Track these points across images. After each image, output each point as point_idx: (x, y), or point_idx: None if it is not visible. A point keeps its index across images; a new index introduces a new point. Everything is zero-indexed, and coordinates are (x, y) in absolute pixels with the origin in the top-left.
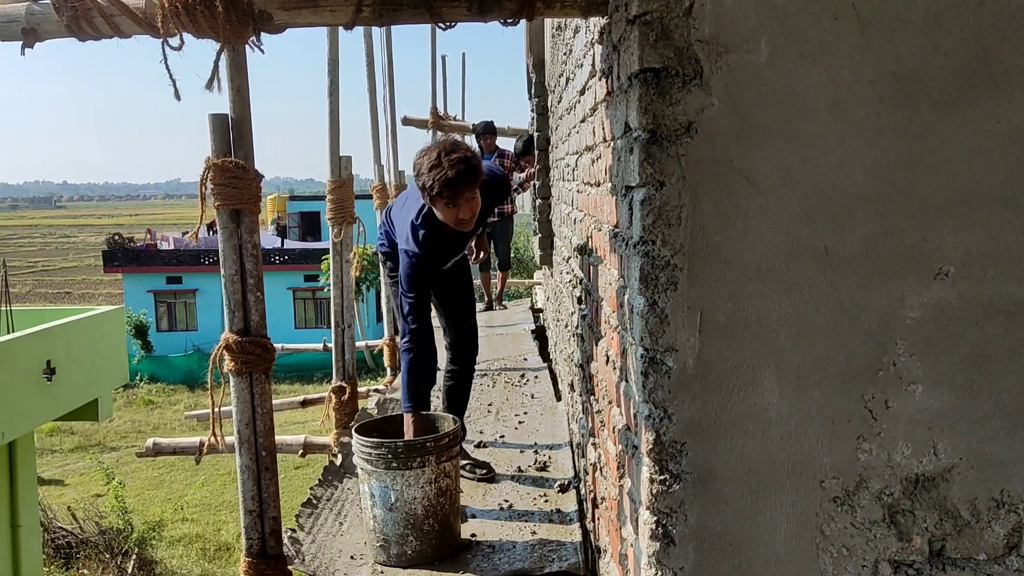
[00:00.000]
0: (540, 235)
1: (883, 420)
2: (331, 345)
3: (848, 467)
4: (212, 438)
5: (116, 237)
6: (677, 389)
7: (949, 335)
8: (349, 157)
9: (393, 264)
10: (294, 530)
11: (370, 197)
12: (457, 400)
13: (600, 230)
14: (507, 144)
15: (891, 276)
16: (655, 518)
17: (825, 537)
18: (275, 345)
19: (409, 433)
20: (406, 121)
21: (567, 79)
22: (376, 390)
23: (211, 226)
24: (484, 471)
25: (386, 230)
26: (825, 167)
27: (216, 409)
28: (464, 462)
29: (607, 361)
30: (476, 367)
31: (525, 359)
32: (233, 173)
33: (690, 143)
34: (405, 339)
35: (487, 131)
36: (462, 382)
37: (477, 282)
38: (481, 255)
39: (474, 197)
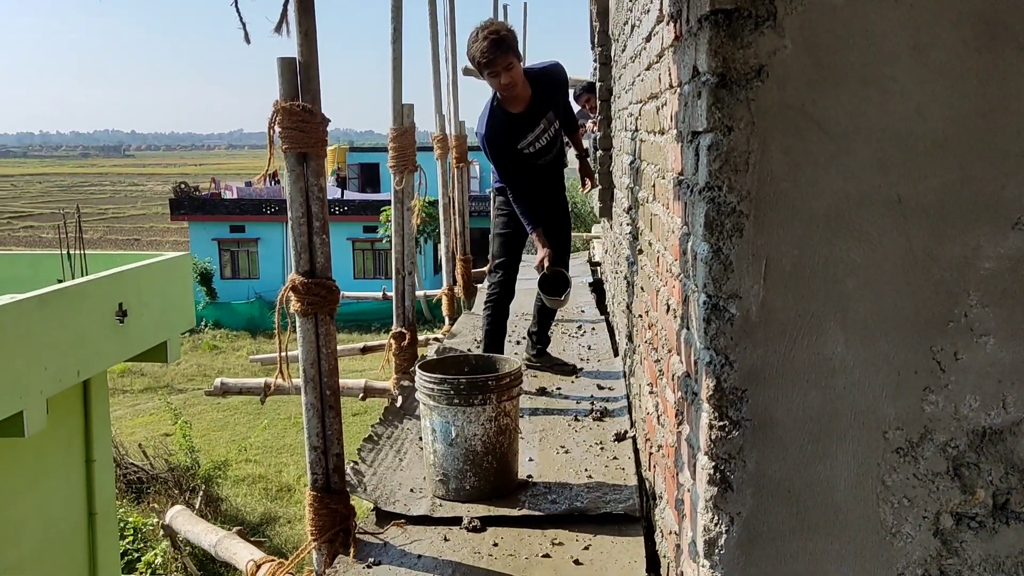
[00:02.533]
0: (600, 187)
1: (951, 372)
2: (391, 294)
3: (913, 418)
4: (279, 377)
5: (182, 186)
6: (739, 336)
7: None
8: (411, 105)
9: (503, 199)
10: (356, 462)
11: (431, 149)
12: (548, 315)
13: (664, 178)
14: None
15: (966, 225)
16: (713, 464)
17: (886, 487)
18: None
19: (541, 246)
20: (467, 71)
21: (632, 26)
22: (435, 339)
23: (273, 176)
24: (570, 367)
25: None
26: (902, 113)
27: (283, 351)
28: (552, 362)
29: (667, 310)
30: (532, 317)
31: (582, 311)
32: (300, 117)
33: (760, 87)
34: (499, 187)
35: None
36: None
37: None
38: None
39: (511, 64)
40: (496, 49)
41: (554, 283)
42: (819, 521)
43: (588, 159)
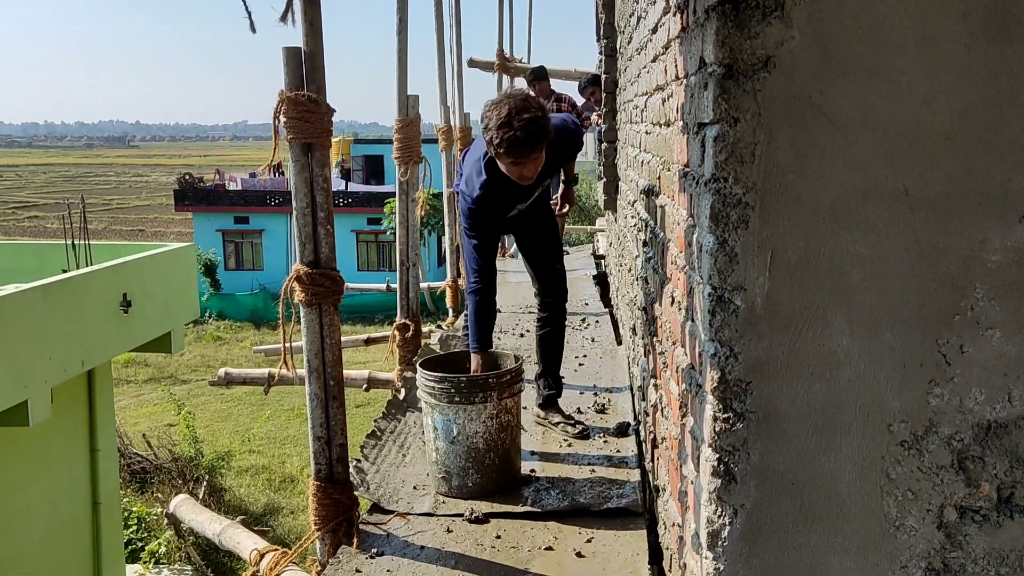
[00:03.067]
0: (605, 179)
1: (957, 365)
2: (395, 285)
3: (918, 411)
4: (283, 368)
5: (187, 177)
6: (744, 328)
7: None
8: (416, 96)
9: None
10: (359, 460)
11: (436, 141)
12: (549, 351)
13: (669, 170)
14: (570, 87)
15: (973, 218)
16: (717, 456)
17: (890, 480)
18: None
19: (478, 371)
20: (472, 63)
21: (638, 18)
22: (439, 326)
23: (278, 167)
24: (580, 428)
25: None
26: (909, 105)
27: (287, 341)
28: (558, 420)
29: (672, 302)
30: (536, 310)
31: (586, 304)
32: (306, 107)
33: (767, 78)
34: (471, 282)
35: (538, 78)
36: (554, 330)
37: None
38: (567, 208)
39: (540, 156)
40: (535, 143)
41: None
42: (823, 513)
43: (573, 187)
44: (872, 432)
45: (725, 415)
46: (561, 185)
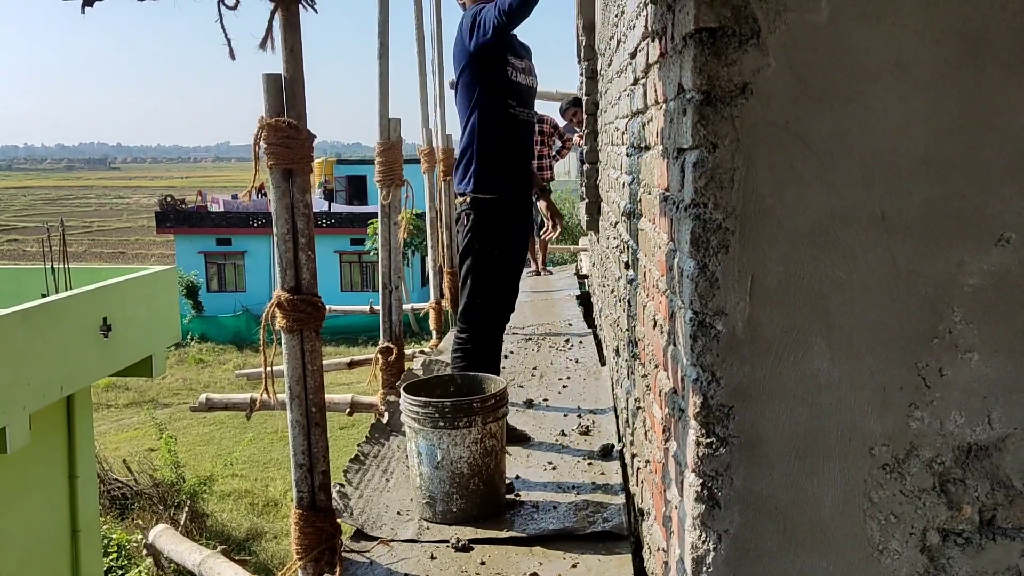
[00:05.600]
0: (587, 200)
1: (936, 388)
2: (378, 307)
3: (899, 434)
4: (264, 394)
5: (168, 199)
6: (726, 353)
7: (1008, 303)
8: (398, 119)
9: (475, 216)
10: (342, 485)
11: (418, 162)
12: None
13: (650, 193)
14: (551, 108)
15: (950, 242)
16: (701, 481)
17: (873, 504)
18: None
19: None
20: (454, 85)
21: (618, 41)
22: (422, 352)
23: (260, 189)
24: (520, 433)
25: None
26: (885, 130)
27: (268, 366)
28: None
29: (654, 325)
30: (520, 331)
31: (570, 324)
32: (286, 133)
33: (745, 104)
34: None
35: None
36: (492, 354)
37: None
38: (559, 228)
39: None
40: None
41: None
42: (806, 538)
43: (548, 194)
44: (854, 456)
45: (708, 440)
46: (541, 204)
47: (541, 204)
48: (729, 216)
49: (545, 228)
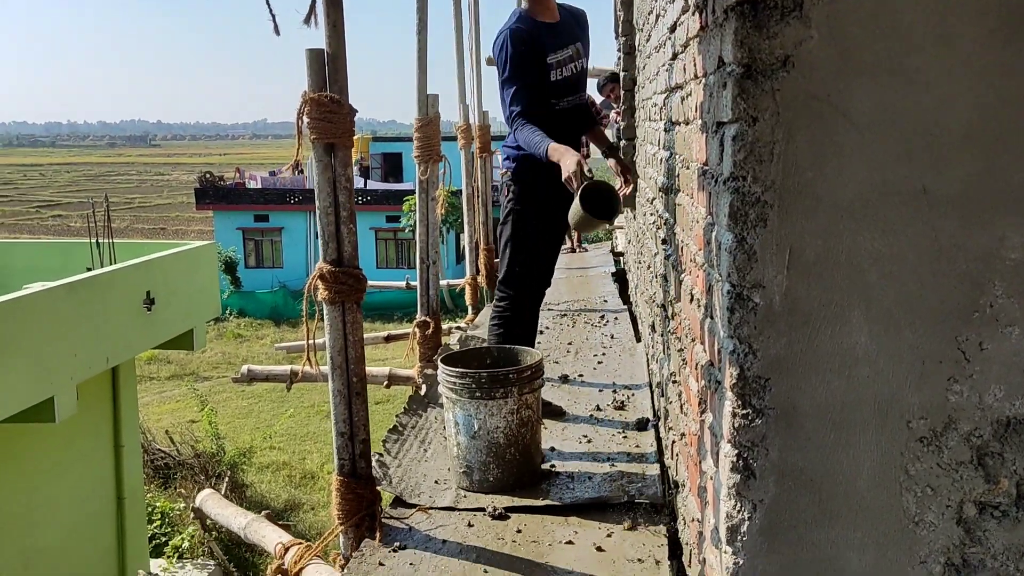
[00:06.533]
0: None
1: (976, 362)
2: (414, 283)
3: (937, 408)
4: (306, 365)
5: (207, 175)
6: (763, 325)
7: None
8: (436, 95)
9: (517, 187)
10: (381, 454)
11: (455, 139)
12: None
13: (688, 168)
14: (589, 85)
15: (992, 216)
16: (736, 451)
17: (909, 476)
18: None
19: (563, 155)
20: (491, 62)
21: (657, 16)
22: (458, 327)
23: (297, 166)
24: (556, 408)
25: (508, 155)
26: (928, 104)
27: (311, 338)
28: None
29: (691, 299)
30: (555, 307)
31: (605, 301)
32: (328, 107)
33: (786, 77)
34: (512, 114)
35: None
36: (529, 324)
37: None
38: (631, 185)
39: None
40: None
41: (596, 198)
42: (841, 509)
43: (616, 151)
44: (891, 428)
45: (744, 411)
46: (611, 162)
47: (610, 162)
48: (768, 190)
49: (619, 186)
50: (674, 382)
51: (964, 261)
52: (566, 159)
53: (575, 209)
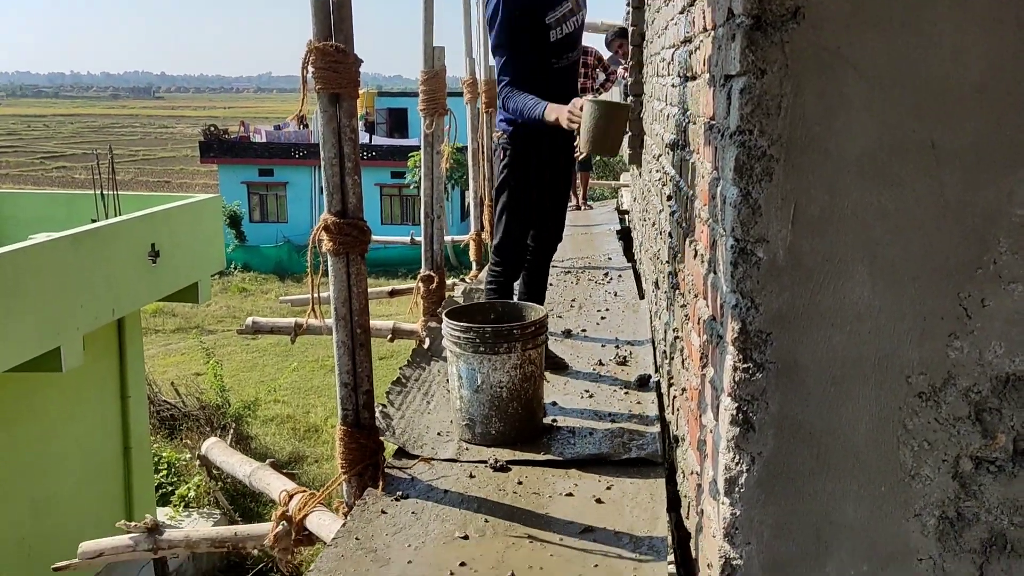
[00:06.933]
0: (630, 133)
1: (977, 318)
2: (419, 239)
3: (937, 364)
4: (311, 316)
5: (211, 129)
6: (766, 280)
7: None
8: (442, 48)
9: (514, 152)
10: (384, 406)
11: (461, 94)
12: (538, 286)
13: (695, 123)
14: (596, 40)
15: (1000, 172)
16: (736, 404)
17: (907, 431)
18: None
19: (558, 111)
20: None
21: None
22: (462, 279)
23: (301, 120)
24: (561, 361)
25: (503, 117)
26: (939, 57)
27: (315, 291)
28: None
29: (695, 255)
30: (559, 264)
31: (609, 258)
32: (334, 57)
33: (796, 29)
34: (501, 84)
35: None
36: (542, 267)
37: None
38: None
39: None
40: None
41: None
42: (838, 462)
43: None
44: (890, 384)
45: (745, 365)
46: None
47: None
48: (774, 143)
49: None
50: (676, 337)
51: (970, 217)
52: (563, 111)
53: (589, 112)
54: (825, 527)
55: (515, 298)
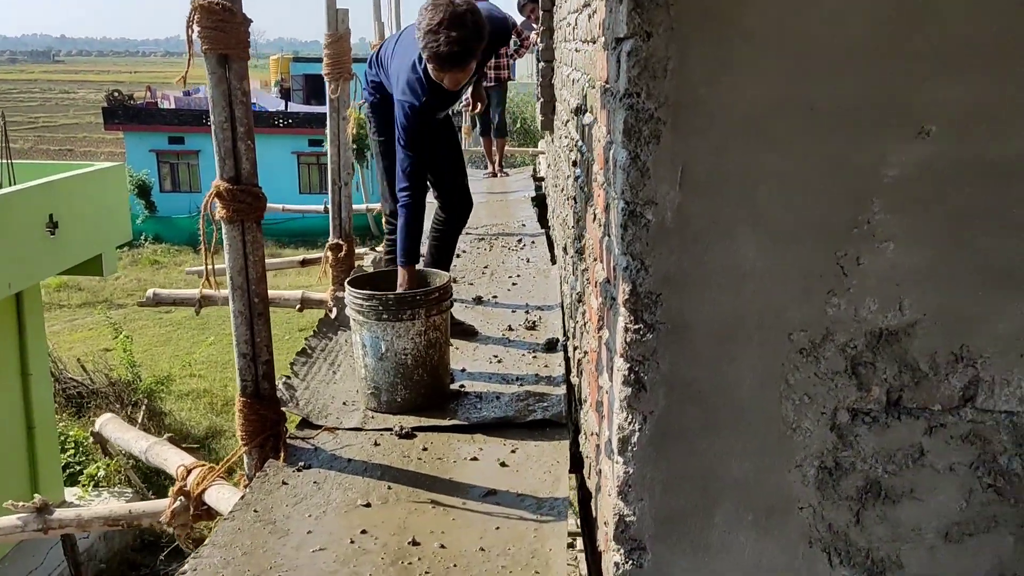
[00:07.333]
0: (542, 100)
1: (853, 276)
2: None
3: (816, 321)
4: (205, 285)
5: (116, 94)
6: (655, 242)
7: (925, 194)
8: (346, 10)
9: (379, 119)
10: (289, 377)
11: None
12: (443, 255)
13: (594, 87)
14: (510, 5)
15: (875, 133)
16: (628, 365)
17: (789, 386)
18: (276, 205)
19: (405, 286)
20: None
21: None
22: (374, 249)
23: (186, 82)
24: (469, 327)
25: (374, 80)
26: (818, 18)
27: (211, 261)
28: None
29: (594, 219)
30: (473, 231)
31: (523, 225)
32: (220, 16)
33: None
34: (403, 195)
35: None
36: (450, 237)
37: (478, 148)
38: (479, 106)
39: (466, 71)
40: (458, 63)
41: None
42: (726, 419)
43: (482, 84)
44: (773, 341)
45: (636, 326)
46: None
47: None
48: (661, 106)
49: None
50: (580, 301)
51: (848, 177)
52: (404, 284)
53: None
54: (713, 481)
55: (420, 263)
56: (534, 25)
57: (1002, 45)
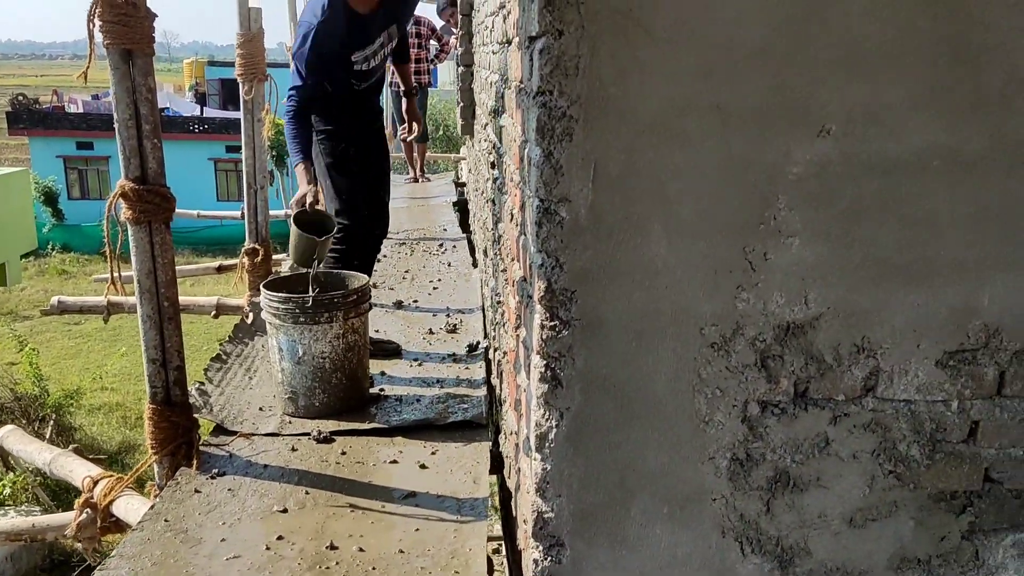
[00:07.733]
0: (462, 104)
1: (761, 271)
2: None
3: (727, 315)
4: (110, 290)
5: (20, 98)
6: (569, 239)
7: (827, 191)
8: (259, 9)
9: (330, 144)
10: (202, 383)
11: (287, 65)
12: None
13: (510, 88)
14: (429, 9)
15: (779, 132)
16: (544, 362)
17: (701, 380)
18: (191, 212)
19: (303, 182)
20: None
21: None
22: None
23: (87, 78)
24: (393, 346)
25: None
26: (723, 20)
27: (115, 263)
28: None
29: (511, 219)
30: (394, 236)
31: (444, 229)
32: (123, 10)
33: None
34: (290, 97)
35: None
36: (367, 255)
37: (399, 155)
38: (416, 129)
39: None
40: None
41: (314, 225)
42: (641, 413)
43: (415, 98)
44: (685, 336)
45: (552, 323)
46: (403, 102)
47: (404, 103)
48: (573, 104)
49: (402, 131)
50: (499, 302)
51: (754, 175)
52: (302, 186)
53: (292, 232)
54: (629, 475)
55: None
56: (453, 30)
57: (898, 47)
